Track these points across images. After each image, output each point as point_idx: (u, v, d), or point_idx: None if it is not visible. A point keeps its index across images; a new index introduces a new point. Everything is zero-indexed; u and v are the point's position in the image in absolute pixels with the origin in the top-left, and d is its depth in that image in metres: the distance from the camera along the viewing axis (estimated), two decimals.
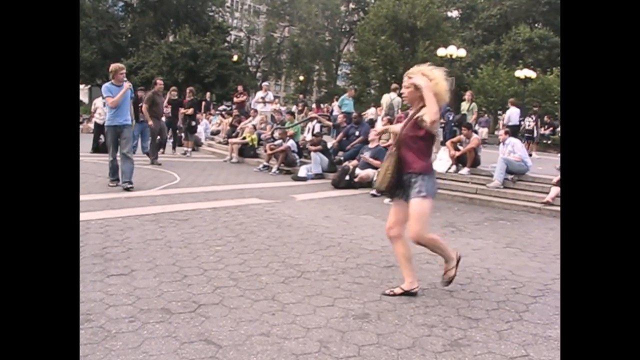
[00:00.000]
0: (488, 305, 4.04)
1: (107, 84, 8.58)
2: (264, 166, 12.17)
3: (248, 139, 13.78)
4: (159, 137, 12.84)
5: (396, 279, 4.53)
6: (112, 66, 8.74)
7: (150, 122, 12.44)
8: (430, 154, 4.20)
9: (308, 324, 3.45)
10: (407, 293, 4.12)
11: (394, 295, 4.11)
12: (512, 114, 17.18)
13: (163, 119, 13.69)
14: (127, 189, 8.24)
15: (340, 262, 4.96)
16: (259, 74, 52.47)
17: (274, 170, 11.83)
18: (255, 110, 16.59)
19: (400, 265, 4.25)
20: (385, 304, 3.92)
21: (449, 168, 10.67)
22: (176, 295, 3.84)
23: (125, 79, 8.63)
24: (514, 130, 15.58)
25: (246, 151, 13.73)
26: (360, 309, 3.79)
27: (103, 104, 13.91)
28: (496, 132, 28.63)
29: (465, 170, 10.43)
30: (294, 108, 20.20)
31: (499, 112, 35.05)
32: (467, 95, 16.88)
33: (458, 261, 4.29)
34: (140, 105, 13.07)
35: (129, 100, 8.74)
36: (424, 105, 3.91)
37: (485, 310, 3.94)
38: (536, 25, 44.54)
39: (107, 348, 2.96)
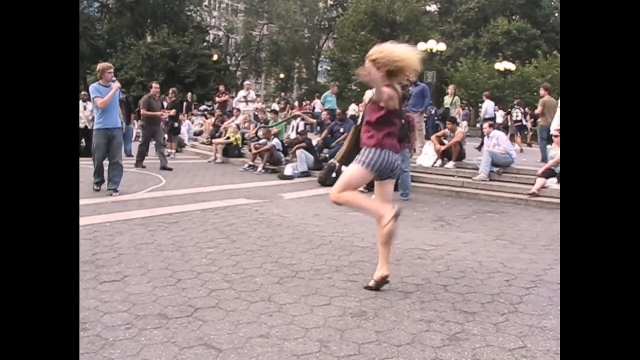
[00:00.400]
0: (483, 299, 4.07)
1: (95, 85, 8.16)
2: (250, 166, 12.13)
3: (232, 139, 13.71)
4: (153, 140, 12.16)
5: (391, 275, 4.53)
6: (100, 66, 8.38)
7: (165, 116, 12.21)
8: (385, 130, 4.07)
9: (306, 324, 3.45)
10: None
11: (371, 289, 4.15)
12: (489, 107, 17.34)
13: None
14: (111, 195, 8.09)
15: (333, 260, 4.96)
16: (239, 73, 52.24)
17: (259, 169, 11.80)
18: (238, 110, 16.53)
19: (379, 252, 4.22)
20: (381, 301, 3.92)
21: (435, 162, 10.73)
22: (172, 300, 3.81)
23: (114, 78, 8.36)
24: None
25: (230, 151, 13.66)
26: (357, 307, 3.80)
27: (84, 107, 13.80)
28: (478, 125, 28.87)
29: (451, 164, 10.50)
30: (274, 105, 20.15)
31: (480, 105, 35.35)
32: (451, 89, 16.96)
33: (397, 216, 3.97)
34: (137, 109, 12.93)
35: (117, 102, 8.48)
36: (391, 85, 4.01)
37: (481, 303, 3.97)
38: (514, 17, 44.94)
39: (106, 357, 2.93)
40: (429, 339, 3.29)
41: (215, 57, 38.77)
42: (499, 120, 20.24)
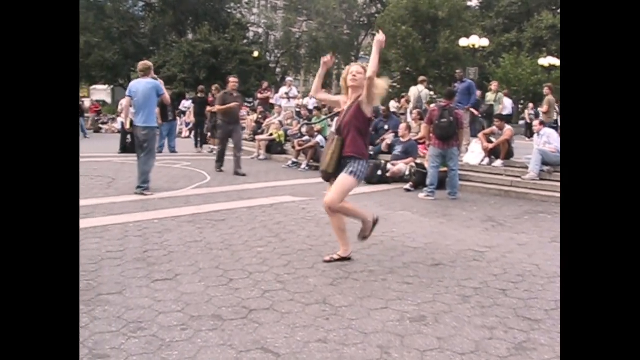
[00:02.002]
0: (546, 305, 3.88)
1: (156, 81, 8.24)
2: (293, 162, 12.07)
3: (275, 136, 13.69)
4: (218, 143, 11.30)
5: (446, 278, 4.40)
6: (147, 64, 8.29)
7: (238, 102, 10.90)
8: (367, 139, 4.70)
9: (364, 328, 3.34)
10: (343, 259, 4.71)
11: (333, 260, 4.67)
12: (507, 105, 16.98)
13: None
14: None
15: (386, 261, 4.83)
16: (278, 70, 52.36)
17: (303, 166, 11.73)
18: (280, 106, 16.51)
19: (336, 235, 4.80)
20: (439, 305, 3.78)
21: (482, 160, 10.47)
22: (225, 300, 3.75)
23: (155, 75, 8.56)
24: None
25: (273, 148, 13.65)
26: (415, 311, 3.67)
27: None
28: (520, 122, 28.21)
29: (498, 163, 10.23)
30: (307, 100, 19.92)
31: (521, 101, 34.60)
32: (493, 85, 16.56)
33: (375, 223, 4.88)
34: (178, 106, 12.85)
35: None
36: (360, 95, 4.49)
37: (544, 310, 3.79)
38: (559, 11, 43.77)
39: (164, 358, 2.88)
40: (493, 348, 3.14)
41: (256, 54, 38.84)
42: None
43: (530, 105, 24.85)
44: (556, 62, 30.54)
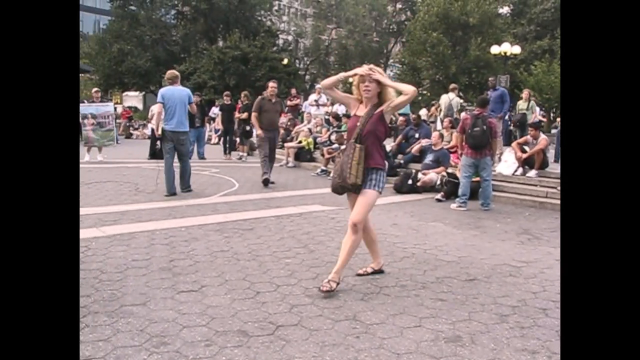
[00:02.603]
0: None
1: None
2: (322, 170, 11.92)
3: (304, 143, 13.58)
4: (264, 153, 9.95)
5: (482, 294, 4.20)
6: (174, 72, 8.78)
7: (260, 132, 9.84)
8: (384, 147, 4.55)
9: (397, 348, 3.16)
10: (376, 272, 4.61)
11: (367, 274, 4.55)
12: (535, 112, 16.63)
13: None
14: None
15: (418, 275, 4.65)
16: (307, 77, 52.39)
17: (332, 174, 11.56)
18: (309, 114, 16.41)
19: (367, 249, 4.65)
20: (475, 325, 3.59)
21: (516, 170, 10.18)
22: (251, 315, 3.62)
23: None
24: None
25: (302, 155, 13.54)
26: (450, 330, 3.48)
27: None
28: (553, 131, 27.63)
29: (533, 173, 9.93)
30: (336, 107, 19.78)
31: (553, 109, 33.93)
32: (525, 93, 16.18)
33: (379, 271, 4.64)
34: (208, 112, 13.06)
35: None
36: (380, 103, 4.29)
37: None
38: None
39: None
40: None
41: (285, 61, 38.92)
42: None
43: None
44: None
